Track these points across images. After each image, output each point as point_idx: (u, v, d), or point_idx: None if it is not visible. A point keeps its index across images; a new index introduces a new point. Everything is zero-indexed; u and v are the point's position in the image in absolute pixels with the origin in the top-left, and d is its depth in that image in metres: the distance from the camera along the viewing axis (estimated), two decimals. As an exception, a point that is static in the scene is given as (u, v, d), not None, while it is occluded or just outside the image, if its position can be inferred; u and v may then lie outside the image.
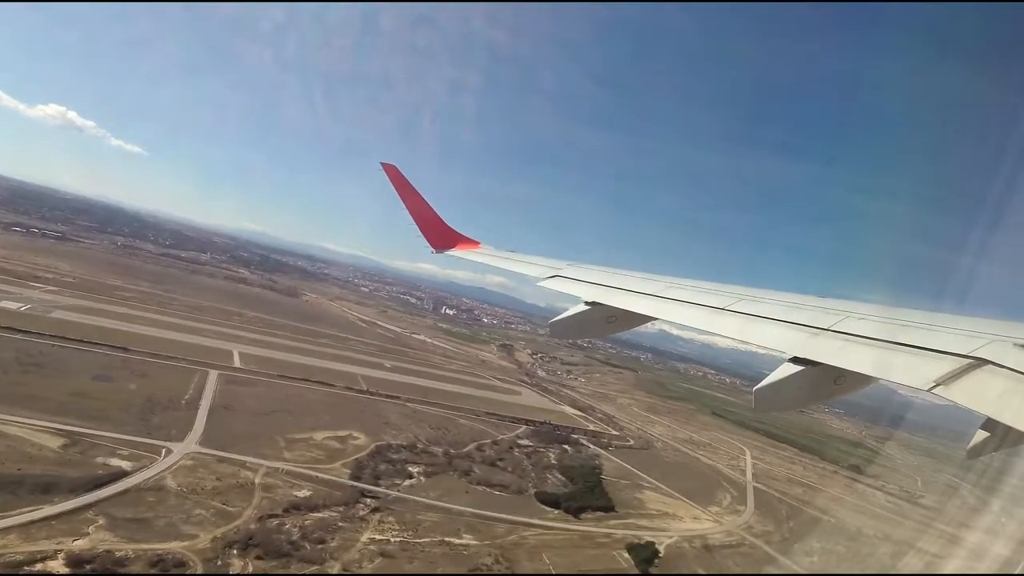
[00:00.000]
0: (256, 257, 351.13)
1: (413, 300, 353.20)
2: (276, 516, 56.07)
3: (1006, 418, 5.36)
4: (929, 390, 5.93)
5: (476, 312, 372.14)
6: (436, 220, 18.42)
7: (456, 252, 17.70)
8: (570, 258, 14.12)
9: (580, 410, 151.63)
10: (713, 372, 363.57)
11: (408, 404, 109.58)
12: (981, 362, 6.03)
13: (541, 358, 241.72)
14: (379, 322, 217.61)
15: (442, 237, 18.31)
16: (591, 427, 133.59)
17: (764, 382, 7.19)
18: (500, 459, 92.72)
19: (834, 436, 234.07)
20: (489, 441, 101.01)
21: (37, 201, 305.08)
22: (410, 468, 78.78)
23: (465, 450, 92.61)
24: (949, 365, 6.13)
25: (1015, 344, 6.19)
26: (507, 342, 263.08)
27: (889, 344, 7.04)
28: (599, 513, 79.86)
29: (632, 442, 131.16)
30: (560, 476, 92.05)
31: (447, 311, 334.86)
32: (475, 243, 18.27)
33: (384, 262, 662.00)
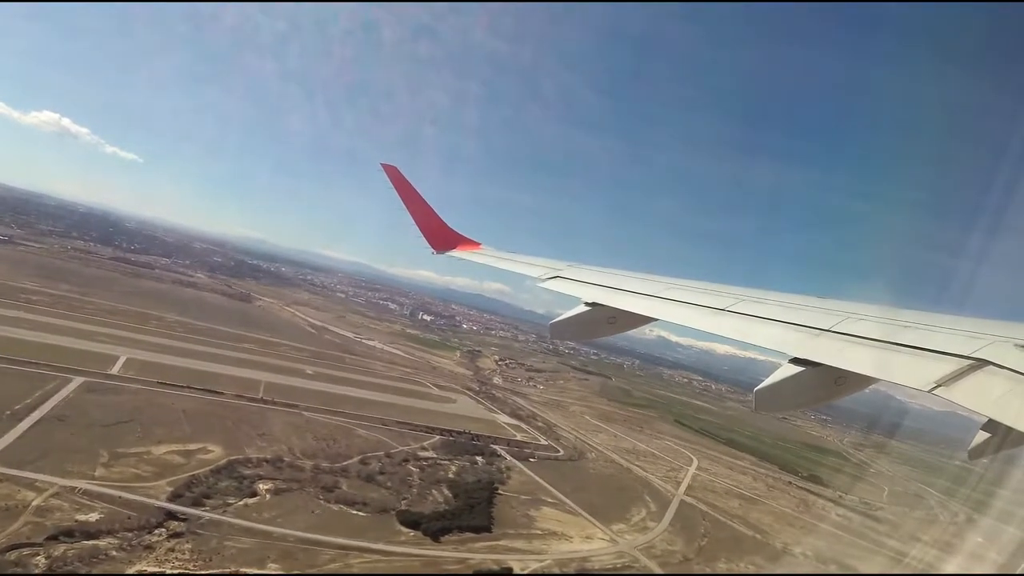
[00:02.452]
0: (231, 262, 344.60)
1: (392, 306, 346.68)
2: (31, 545, 49.06)
3: (1007, 419, 5.35)
4: (930, 391, 5.85)
5: (457, 318, 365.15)
6: (437, 221, 18.26)
7: (457, 253, 17.60)
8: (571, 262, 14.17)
9: (520, 419, 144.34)
10: (700, 378, 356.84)
11: (304, 413, 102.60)
12: (982, 363, 5.99)
13: (507, 364, 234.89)
14: (331, 327, 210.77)
15: (443, 238, 18.15)
16: (519, 437, 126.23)
17: (764, 383, 7.23)
18: (382, 473, 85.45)
19: (809, 445, 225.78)
20: (382, 453, 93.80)
21: (4, 205, 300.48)
22: (259, 485, 71.65)
23: (344, 464, 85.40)
24: (950, 366, 6.10)
25: (1016, 345, 6.15)
26: (477, 348, 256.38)
27: (890, 345, 7.03)
28: (468, 534, 72.55)
29: (562, 452, 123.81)
30: (447, 492, 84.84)
31: (424, 317, 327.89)
32: (476, 244, 18.11)
33: (385, 269, 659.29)
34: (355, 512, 71.45)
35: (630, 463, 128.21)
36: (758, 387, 7.28)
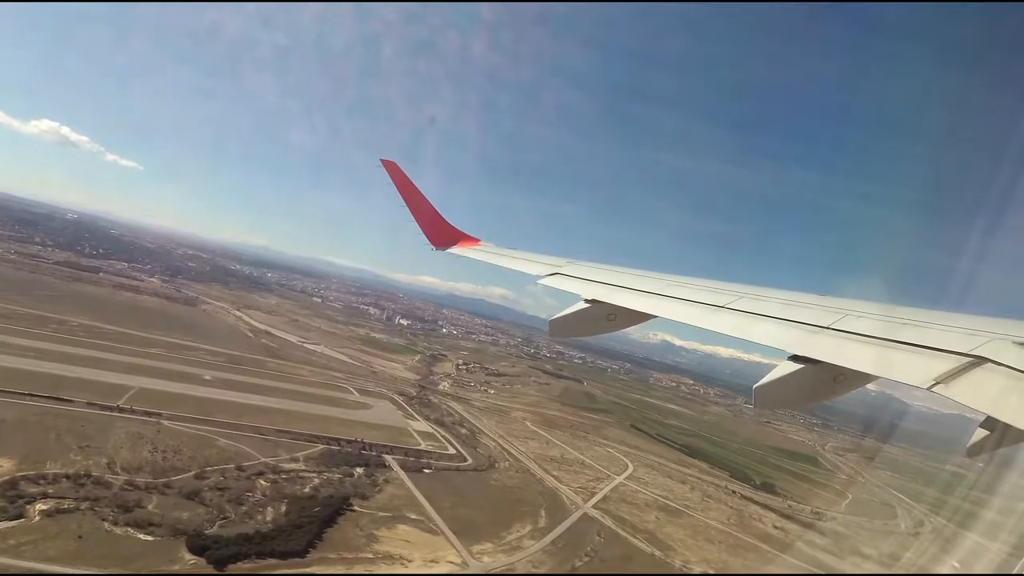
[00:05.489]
0: (206, 267, 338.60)
1: (373, 310, 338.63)
2: None
3: (1005, 416, 5.38)
4: (928, 388, 5.88)
5: (439, 322, 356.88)
6: (436, 217, 18.34)
7: (456, 250, 17.62)
8: None
9: (442, 426, 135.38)
10: (691, 382, 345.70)
11: (164, 422, 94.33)
12: (981, 360, 6.02)
13: (467, 369, 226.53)
14: (275, 331, 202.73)
15: (442, 234, 18.20)
16: (423, 445, 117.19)
17: (764, 380, 7.27)
18: (217, 489, 76.86)
19: (783, 450, 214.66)
20: (232, 466, 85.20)
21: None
22: (35, 506, 63.19)
23: (172, 479, 76.91)
24: (949, 363, 6.12)
25: (1014, 342, 6.18)
26: (444, 352, 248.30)
27: (889, 342, 7.07)
28: (272, 560, 63.74)
29: (469, 462, 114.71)
30: (283, 509, 76.05)
31: (401, 321, 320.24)
32: (475, 240, 18.16)
33: (388, 275, 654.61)
34: (141, 536, 62.88)
35: (546, 473, 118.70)
36: (757, 384, 7.25)
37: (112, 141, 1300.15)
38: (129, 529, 63.42)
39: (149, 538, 62.76)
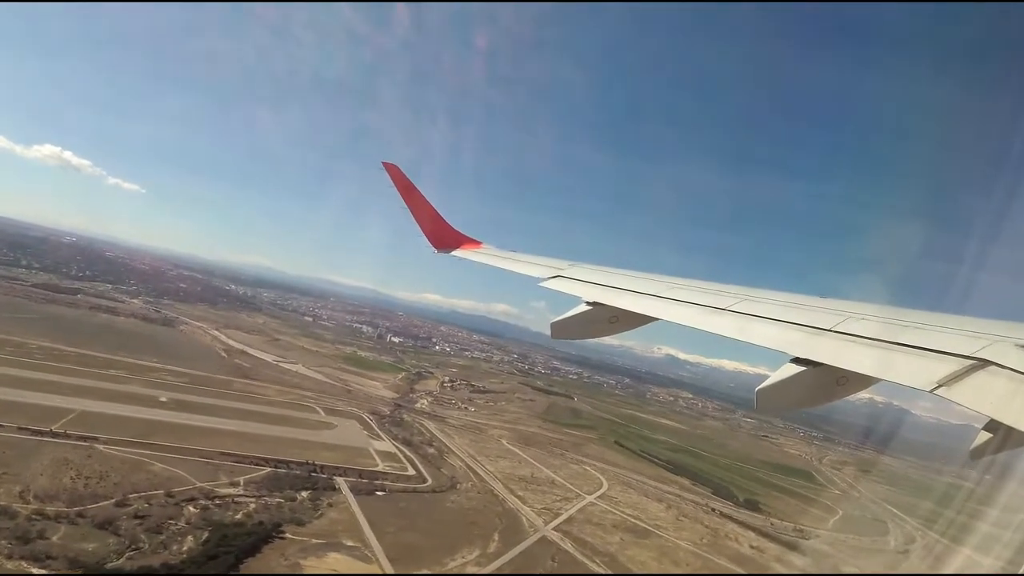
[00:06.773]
0: (198, 288, 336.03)
1: (367, 329, 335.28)
2: None
3: (1008, 419, 5.36)
4: (931, 391, 5.82)
5: (433, 339, 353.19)
6: (438, 220, 18.34)
7: (458, 253, 17.60)
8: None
9: (410, 445, 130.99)
10: (690, 396, 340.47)
11: (99, 446, 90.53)
12: (984, 363, 5.96)
13: (452, 386, 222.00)
14: (251, 351, 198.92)
15: (444, 237, 18.14)
16: (381, 466, 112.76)
17: (766, 383, 7.21)
18: (132, 517, 72.74)
19: (777, 464, 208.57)
20: (161, 493, 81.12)
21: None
22: (-80, 539, 59.53)
23: (88, 507, 72.84)
24: (952, 366, 6.06)
25: (1017, 345, 6.12)
26: (431, 369, 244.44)
27: (891, 345, 7.00)
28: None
29: (429, 483, 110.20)
30: (203, 538, 71.87)
31: (392, 339, 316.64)
32: (477, 243, 18.11)
33: (390, 293, 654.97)
34: (35, 570, 58.85)
35: (510, 493, 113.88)
36: (759, 387, 7.20)
37: (114, 165, 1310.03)
38: (23, 563, 59.38)
39: (42, 572, 58.75)
